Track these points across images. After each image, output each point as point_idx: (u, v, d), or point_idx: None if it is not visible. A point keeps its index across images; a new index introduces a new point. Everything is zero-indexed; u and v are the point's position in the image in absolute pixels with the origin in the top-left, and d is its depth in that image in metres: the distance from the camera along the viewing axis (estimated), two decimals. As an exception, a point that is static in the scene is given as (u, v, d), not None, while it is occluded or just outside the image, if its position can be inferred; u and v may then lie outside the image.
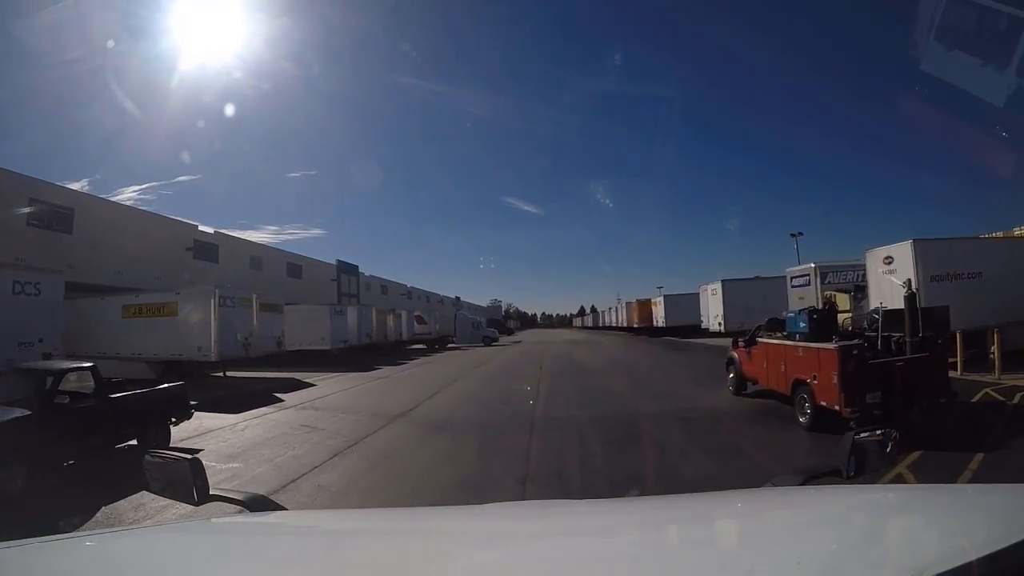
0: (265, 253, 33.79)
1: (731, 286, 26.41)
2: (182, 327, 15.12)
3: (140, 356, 15.99)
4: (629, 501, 2.35)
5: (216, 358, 14.74)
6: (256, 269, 31.11)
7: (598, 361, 22.08)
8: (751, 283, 26.73)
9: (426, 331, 38.51)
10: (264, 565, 1.18)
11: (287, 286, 32.26)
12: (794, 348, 8.01)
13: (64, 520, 4.31)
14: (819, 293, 16.21)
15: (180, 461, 1.49)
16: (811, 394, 7.22)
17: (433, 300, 69.50)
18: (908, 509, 1.38)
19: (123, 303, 16.70)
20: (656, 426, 7.72)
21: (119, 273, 19.52)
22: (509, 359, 24.84)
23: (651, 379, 14.64)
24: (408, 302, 56.91)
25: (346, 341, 24.14)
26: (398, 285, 58.85)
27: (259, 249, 33.62)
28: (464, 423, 8.88)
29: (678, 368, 17.20)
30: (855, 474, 1.47)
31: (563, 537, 1.39)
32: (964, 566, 0.77)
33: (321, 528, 1.57)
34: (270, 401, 11.48)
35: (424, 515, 2.02)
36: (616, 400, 10.94)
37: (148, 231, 22.61)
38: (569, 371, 17.33)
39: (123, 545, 1.38)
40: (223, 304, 15.13)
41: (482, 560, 1.16)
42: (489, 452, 6.77)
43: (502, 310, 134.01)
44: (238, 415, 9.78)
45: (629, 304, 54.11)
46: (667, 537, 1.40)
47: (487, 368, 20.02)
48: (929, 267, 12.20)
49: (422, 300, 64.42)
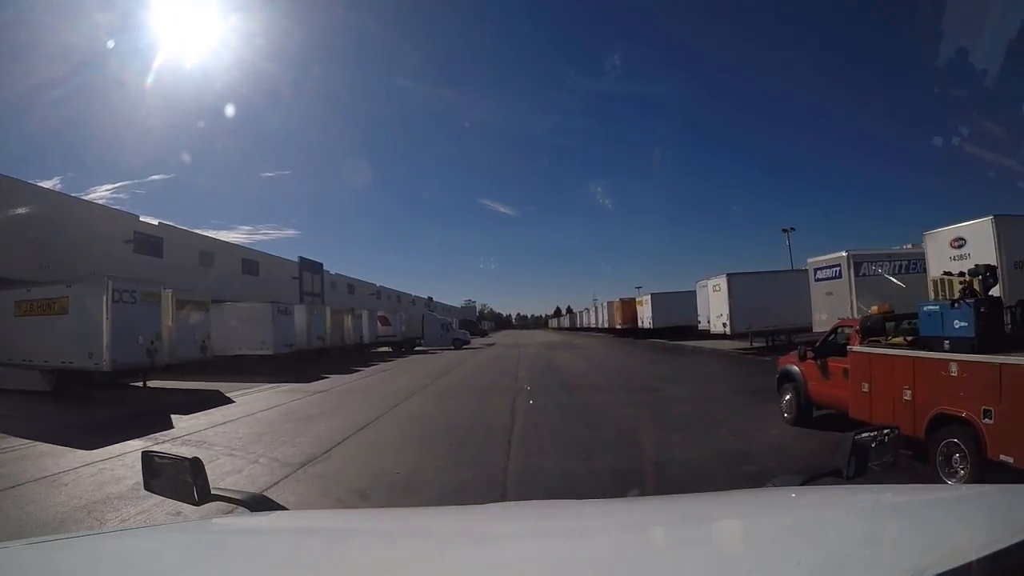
0: (218, 248, 32.65)
1: (739, 281, 23.48)
2: (72, 327, 12.35)
3: (32, 363, 13.10)
4: (629, 501, 2.29)
5: (109, 367, 12.05)
6: (206, 265, 29.77)
7: (586, 370, 20.23)
8: (762, 277, 24.17)
9: (391, 333, 37.87)
10: (264, 565, 1.20)
11: (242, 284, 31.46)
12: (941, 363, 5.27)
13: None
14: (852, 286, 14.18)
15: (180, 461, 1.50)
16: (976, 441, 4.79)
17: (404, 300, 67.46)
18: (908, 509, 1.42)
19: (15, 299, 14.61)
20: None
21: (43, 267, 17.57)
22: (479, 366, 23.46)
23: (661, 398, 11.88)
24: (377, 302, 54.60)
25: (292, 345, 23.01)
26: (367, 284, 56.48)
27: (211, 243, 32.53)
28: (391, 488, 5.95)
29: (690, 381, 15.03)
30: (855, 474, 1.50)
31: (563, 537, 1.43)
32: (964, 566, 0.78)
33: (321, 528, 1.57)
34: (152, 427, 9.59)
35: (424, 515, 2.07)
36: (627, 437, 8.03)
37: (81, 221, 20.83)
38: (553, 386, 15.01)
39: (123, 545, 1.42)
40: (120, 299, 12.78)
41: (482, 560, 1.19)
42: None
43: (476, 311, 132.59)
44: (92, 451, 7.60)
45: (611, 304, 52.15)
46: (667, 537, 1.45)
47: (450, 379, 18.51)
48: (1013, 250, 9.63)
49: (392, 300, 62.28)
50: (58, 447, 7.69)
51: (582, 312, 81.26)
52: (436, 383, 16.51)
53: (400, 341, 37.10)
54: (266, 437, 8.70)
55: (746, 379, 12.85)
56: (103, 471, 6.68)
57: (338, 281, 50.02)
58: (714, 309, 24.25)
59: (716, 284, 24.15)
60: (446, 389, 15.14)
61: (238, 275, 32.56)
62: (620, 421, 9.28)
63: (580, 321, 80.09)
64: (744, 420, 8.56)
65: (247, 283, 32.31)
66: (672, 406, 10.50)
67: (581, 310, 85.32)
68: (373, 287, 59.78)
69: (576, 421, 9.29)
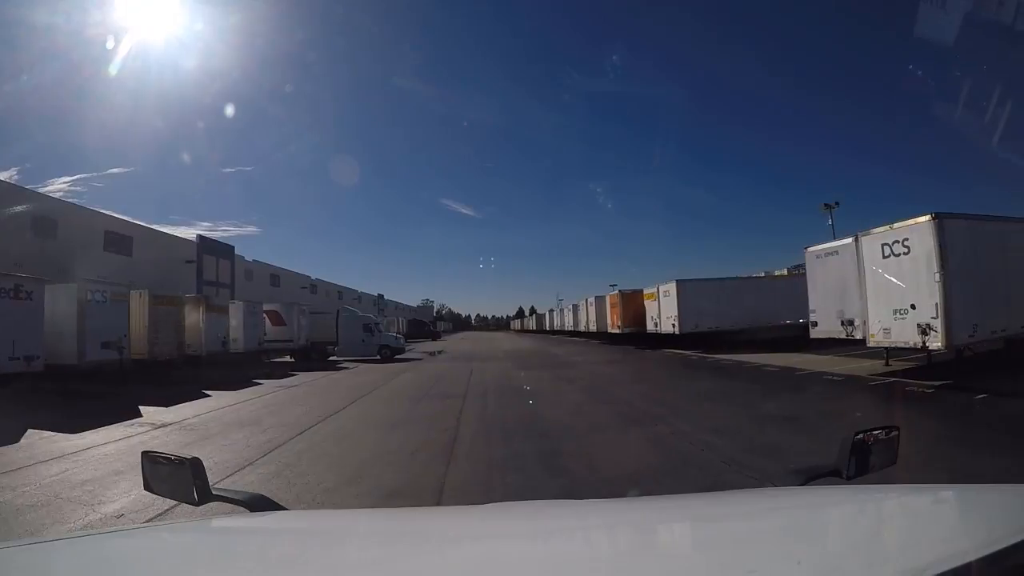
0: (64, 215, 24.65)
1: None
2: None
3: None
4: (629, 501, 2.29)
5: None
6: (44, 236, 22.74)
7: (644, 450, 7.28)
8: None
9: (286, 335, 26.64)
10: (264, 565, 1.19)
11: (106, 264, 24.36)
12: None
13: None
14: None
15: (180, 461, 1.50)
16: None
17: (349, 298, 56.04)
18: (908, 509, 1.42)
19: None
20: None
21: None
22: (381, 420, 10.38)
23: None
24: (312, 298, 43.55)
25: (36, 357, 13.16)
26: (298, 276, 45.94)
27: (54, 207, 24.62)
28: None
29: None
30: (855, 474, 1.49)
31: (563, 537, 1.40)
32: (964, 566, 0.77)
33: (321, 528, 1.56)
34: None
35: (424, 515, 2.10)
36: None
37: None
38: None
39: (123, 545, 1.40)
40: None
41: (482, 560, 1.17)
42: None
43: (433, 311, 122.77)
44: None
45: (601, 300, 37.23)
46: (667, 537, 1.44)
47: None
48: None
49: (332, 296, 51.09)
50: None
51: (553, 312, 67.95)
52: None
53: (303, 347, 26.88)
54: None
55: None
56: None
57: (257, 269, 39.73)
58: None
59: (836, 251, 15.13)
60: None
61: (99, 252, 25.54)
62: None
63: (551, 322, 66.70)
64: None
65: (113, 264, 24.76)
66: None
67: (552, 309, 72.78)
68: (307, 279, 49.35)
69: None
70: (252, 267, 40.02)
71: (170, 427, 9.68)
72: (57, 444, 8.18)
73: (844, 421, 8.41)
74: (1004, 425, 7.60)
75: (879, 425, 1.55)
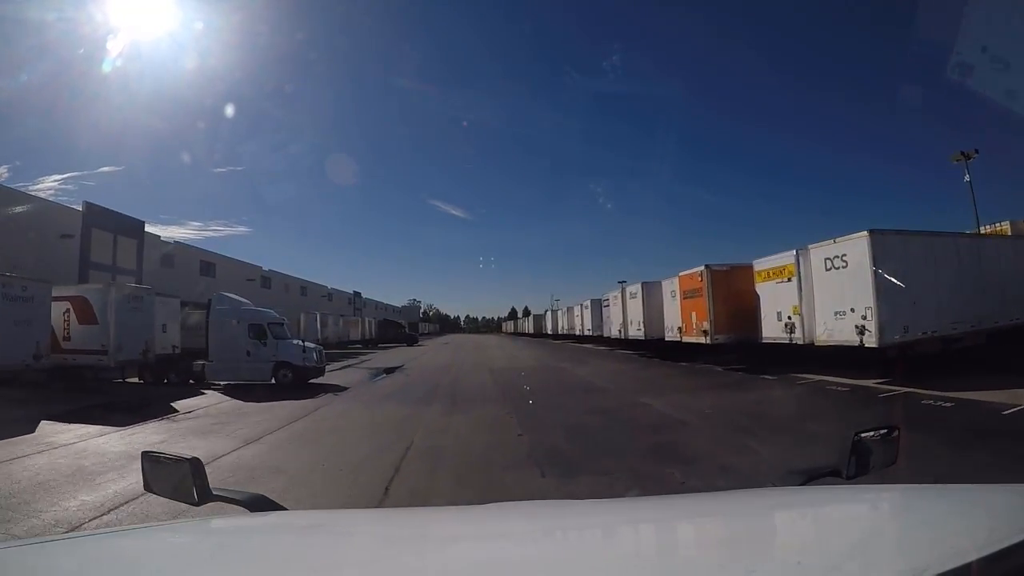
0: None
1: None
2: None
3: None
4: (629, 501, 2.28)
5: None
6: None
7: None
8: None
9: (96, 342, 15.22)
10: (264, 565, 1.18)
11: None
12: None
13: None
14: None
15: (180, 461, 1.48)
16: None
17: (313, 294, 46.08)
18: (908, 509, 1.41)
19: None
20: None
21: None
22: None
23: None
24: (263, 293, 33.31)
25: None
26: (242, 265, 35.52)
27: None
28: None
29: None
30: (855, 474, 1.48)
31: (563, 537, 1.41)
32: (964, 566, 0.77)
33: (321, 528, 1.53)
34: None
35: (424, 515, 2.05)
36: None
37: None
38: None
39: (123, 545, 1.38)
40: None
41: (482, 560, 1.16)
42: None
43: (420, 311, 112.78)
44: None
45: (654, 288, 21.91)
46: (667, 537, 1.42)
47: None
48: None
49: (292, 292, 41.08)
50: None
51: (557, 312, 52.28)
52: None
53: (152, 363, 16.18)
54: None
55: None
56: None
57: (181, 253, 29.69)
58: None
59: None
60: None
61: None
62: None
63: (553, 325, 51.97)
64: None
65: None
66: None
67: (554, 309, 58.63)
68: (256, 270, 39.21)
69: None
70: (174, 250, 30.15)
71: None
72: None
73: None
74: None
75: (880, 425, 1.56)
